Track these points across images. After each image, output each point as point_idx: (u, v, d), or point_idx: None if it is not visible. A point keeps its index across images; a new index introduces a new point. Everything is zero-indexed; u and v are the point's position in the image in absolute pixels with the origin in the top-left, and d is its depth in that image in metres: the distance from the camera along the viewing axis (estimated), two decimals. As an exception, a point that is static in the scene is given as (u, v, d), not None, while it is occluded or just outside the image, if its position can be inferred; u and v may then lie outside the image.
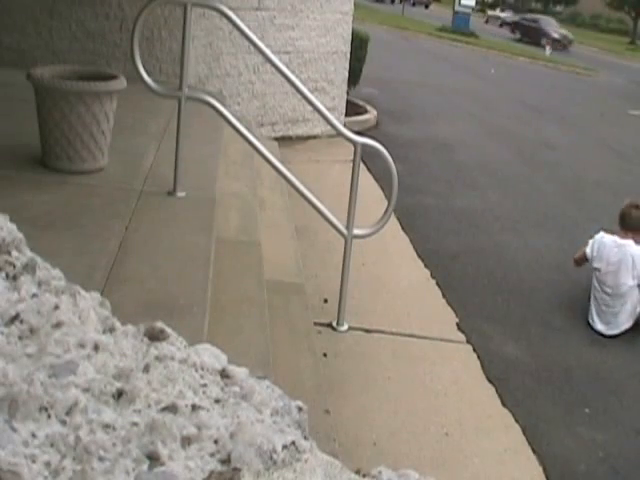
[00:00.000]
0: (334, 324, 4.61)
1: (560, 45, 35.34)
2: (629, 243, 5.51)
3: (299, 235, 5.38)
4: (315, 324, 4.41)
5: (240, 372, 0.81)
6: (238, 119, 4.32)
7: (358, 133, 5.08)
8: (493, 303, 5.65)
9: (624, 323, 5.47)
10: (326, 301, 4.88)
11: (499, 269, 6.29)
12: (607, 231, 5.74)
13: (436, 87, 16.05)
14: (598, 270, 5.59)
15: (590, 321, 5.55)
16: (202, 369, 0.79)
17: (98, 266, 3.08)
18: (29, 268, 0.89)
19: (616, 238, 5.57)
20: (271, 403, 0.77)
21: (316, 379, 3.61)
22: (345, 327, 4.63)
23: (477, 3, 41.06)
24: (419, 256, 6.24)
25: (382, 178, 7.10)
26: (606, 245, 5.56)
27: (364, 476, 0.74)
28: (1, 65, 6.29)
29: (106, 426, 0.69)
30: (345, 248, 4.50)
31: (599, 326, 5.49)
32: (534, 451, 3.92)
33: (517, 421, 4.14)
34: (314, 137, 8.85)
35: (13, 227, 0.94)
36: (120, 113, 4.20)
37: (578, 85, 21.62)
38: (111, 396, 0.73)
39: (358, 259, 5.09)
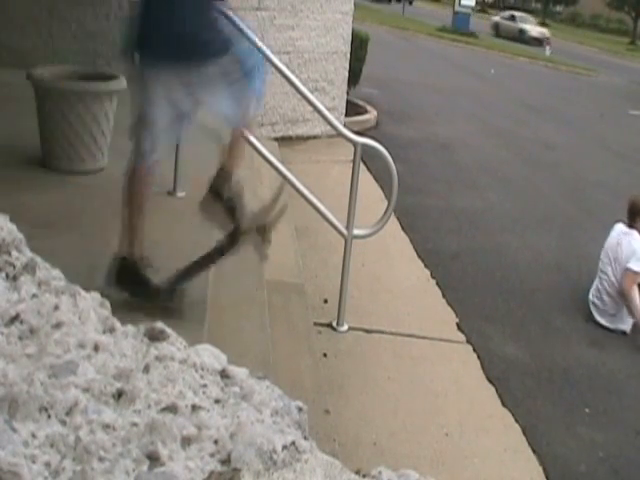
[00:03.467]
0: (334, 324, 4.61)
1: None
2: (634, 233, 5.66)
3: (299, 235, 5.38)
4: (315, 324, 4.41)
5: (240, 372, 0.81)
6: (238, 119, 4.31)
7: (358, 133, 5.08)
8: (493, 303, 5.65)
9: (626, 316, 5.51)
10: (326, 301, 4.88)
11: (499, 269, 6.29)
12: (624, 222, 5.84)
13: (436, 87, 16.04)
14: (601, 259, 5.69)
15: (595, 317, 5.58)
16: (202, 369, 0.79)
17: (98, 266, 3.08)
18: (29, 268, 0.89)
19: (625, 229, 5.71)
20: (271, 403, 0.77)
21: (316, 379, 3.61)
22: (345, 327, 4.63)
23: (477, 3, 41.05)
24: (419, 256, 6.24)
25: (382, 178, 7.09)
26: (614, 229, 5.75)
27: (364, 476, 0.74)
28: (1, 65, 6.28)
29: (106, 426, 0.69)
30: (345, 248, 4.49)
31: (602, 320, 5.53)
32: (534, 451, 3.92)
33: (517, 421, 4.14)
34: (314, 137, 8.84)
35: (13, 227, 0.94)
36: (120, 113, 4.20)
37: (578, 85, 21.61)
38: (111, 396, 0.73)
39: (358, 259, 5.08)
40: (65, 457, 0.65)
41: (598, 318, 5.57)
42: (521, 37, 35.72)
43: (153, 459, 0.66)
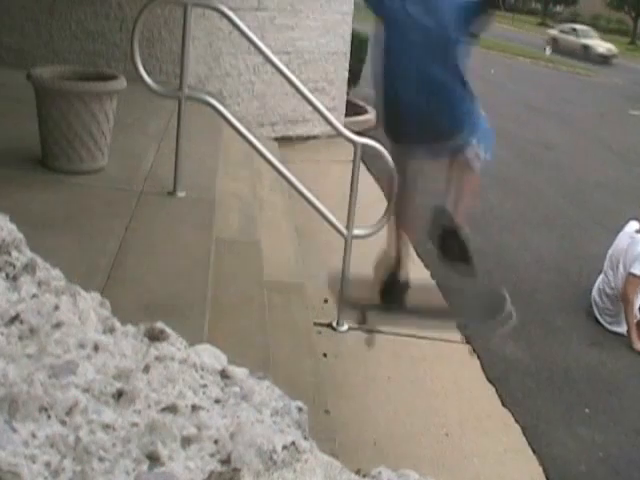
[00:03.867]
0: (334, 324, 4.61)
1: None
2: None
3: (299, 235, 5.37)
4: (315, 324, 4.40)
5: (240, 372, 0.81)
6: (238, 119, 4.31)
7: (358, 133, 5.07)
8: (493, 303, 5.64)
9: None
10: (326, 301, 4.88)
11: (499, 269, 6.28)
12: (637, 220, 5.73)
13: (436, 87, 16.02)
14: (607, 259, 5.65)
15: (595, 315, 5.58)
16: (202, 369, 0.79)
17: (98, 266, 3.08)
18: (29, 268, 0.88)
19: (633, 233, 5.59)
20: (271, 403, 0.77)
21: (316, 379, 3.60)
22: (345, 327, 4.62)
23: (477, 3, 40.91)
24: (419, 256, 6.23)
25: (382, 178, 7.08)
26: (627, 227, 5.66)
27: (364, 476, 0.74)
28: (1, 65, 6.29)
29: (106, 426, 0.69)
30: (345, 248, 4.49)
31: (601, 319, 5.53)
32: (534, 451, 3.92)
33: (517, 421, 4.14)
34: (314, 137, 8.83)
35: (13, 227, 0.94)
36: (120, 113, 4.20)
37: (578, 85, 21.61)
38: (111, 396, 0.73)
39: (358, 259, 5.08)
40: (65, 457, 0.65)
41: (598, 317, 5.57)
42: (585, 54, 31.58)
43: (153, 459, 0.66)
